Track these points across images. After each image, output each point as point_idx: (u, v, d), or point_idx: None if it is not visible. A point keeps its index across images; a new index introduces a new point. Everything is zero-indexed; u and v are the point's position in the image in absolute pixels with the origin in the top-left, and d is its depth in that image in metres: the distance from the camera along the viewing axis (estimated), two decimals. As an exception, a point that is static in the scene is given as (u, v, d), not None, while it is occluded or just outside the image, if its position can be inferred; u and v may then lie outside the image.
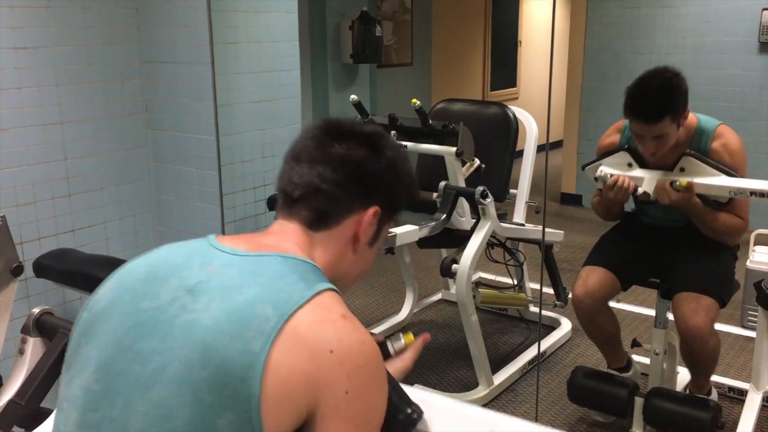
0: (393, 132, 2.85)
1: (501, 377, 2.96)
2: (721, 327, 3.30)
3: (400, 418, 0.92)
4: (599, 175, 2.36)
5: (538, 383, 2.82)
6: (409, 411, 0.93)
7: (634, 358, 2.74)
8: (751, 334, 3.24)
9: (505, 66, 7.69)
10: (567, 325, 3.47)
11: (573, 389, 2.56)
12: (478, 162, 2.83)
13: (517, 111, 3.26)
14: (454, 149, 2.72)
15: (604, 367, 2.70)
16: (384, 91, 5.63)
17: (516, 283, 3.40)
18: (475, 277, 3.79)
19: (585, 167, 2.50)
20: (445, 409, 0.93)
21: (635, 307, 3.69)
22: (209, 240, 1.01)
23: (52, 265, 2.51)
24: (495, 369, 2.97)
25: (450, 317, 3.68)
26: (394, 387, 0.94)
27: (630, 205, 2.63)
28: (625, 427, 2.54)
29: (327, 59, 4.99)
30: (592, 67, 5.63)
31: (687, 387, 2.62)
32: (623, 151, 2.38)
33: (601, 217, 2.59)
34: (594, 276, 2.45)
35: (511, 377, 3.01)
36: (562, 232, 3.37)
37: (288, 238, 1.02)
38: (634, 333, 3.26)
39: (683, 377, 2.70)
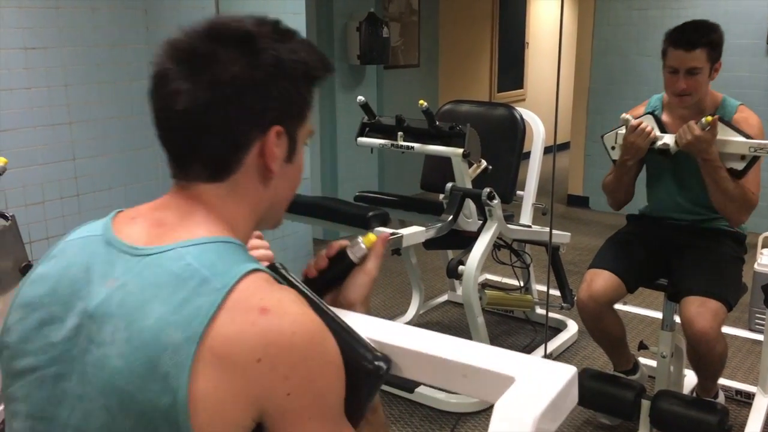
0: (400, 133, 2.86)
1: (507, 379, 2.95)
2: (728, 330, 3.29)
3: (368, 370, 0.84)
4: (623, 117, 2.38)
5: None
6: (376, 363, 0.84)
7: (641, 360, 2.73)
8: (759, 337, 3.24)
9: (512, 67, 7.68)
10: (573, 327, 3.46)
11: (579, 391, 2.54)
12: (485, 163, 2.83)
13: (524, 112, 3.26)
14: (461, 150, 2.72)
15: (610, 369, 2.70)
16: (391, 92, 5.64)
17: (522, 284, 3.39)
18: (481, 279, 3.79)
19: (603, 136, 2.53)
20: (415, 354, 0.87)
21: (642, 310, 3.68)
22: (106, 232, 0.88)
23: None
24: (501, 371, 2.96)
25: (456, 318, 3.68)
26: (355, 339, 0.85)
27: (638, 205, 2.63)
28: (631, 430, 2.54)
29: (334, 60, 5.00)
30: (600, 68, 5.62)
31: (694, 390, 2.61)
32: (648, 114, 2.41)
33: (608, 198, 2.56)
34: (599, 279, 2.44)
35: (517, 379, 3.00)
36: (569, 234, 3.36)
37: (192, 206, 0.87)
38: (641, 335, 3.25)
39: (690, 380, 2.69)
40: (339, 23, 4.96)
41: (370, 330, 0.89)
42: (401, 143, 2.86)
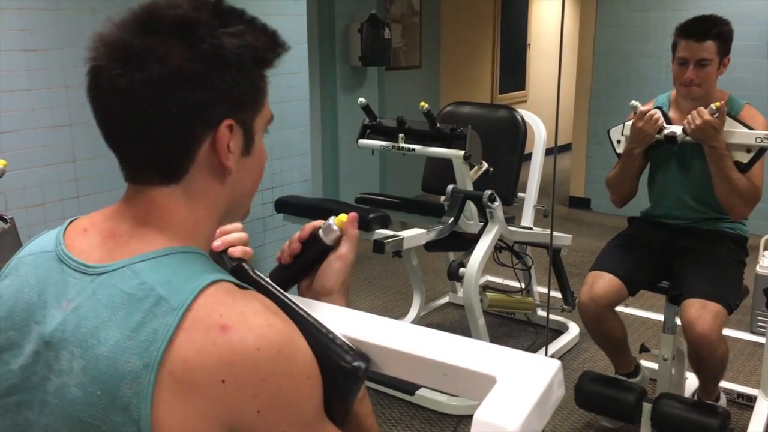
0: (401, 135, 2.86)
1: (508, 381, 2.94)
2: (730, 332, 3.28)
3: (346, 371, 0.81)
4: (633, 104, 2.40)
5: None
6: (355, 364, 0.81)
7: (643, 363, 2.73)
8: (761, 340, 3.23)
9: (514, 69, 7.68)
10: (575, 329, 3.46)
11: (580, 394, 2.54)
12: (486, 165, 2.83)
13: (525, 114, 3.25)
14: (462, 152, 2.72)
15: (611, 372, 2.69)
16: (392, 93, 5.63)
17: (524, 286, 3.38)
18: (482, 281, 3.78)
19: (609, 130, 2.55)
20: (394, 352, 0.84)
21: (643, 312, 3.67)
22: (58, 248, 0.84)
23: (60, 267, 2.51)
24: (502, 373, 2.96)
25: (457, 320, 3.67)
26: (331, 339, 0.82)
27: (639, 207, 2.63)
28: (632, 433, 2.53)
29: (336, 62, 5.00)
30: (602, 70, 5.61)
31: (695, 393, 2.61)
32: (656, 108, 2.41)
33: (612, 194, 2.56)
34: (600, 282, 2.44)
35: (518, 381, 2.99)
36: (570, 236, 3.36)
37: (147, 213, 0.81)
38: (642, 338, 3.25)
39: (692, 383, 2.68)
40: (340, 25, 4.96)
41: (348, 325, 0.86)
42: (402, 145, 2.86)
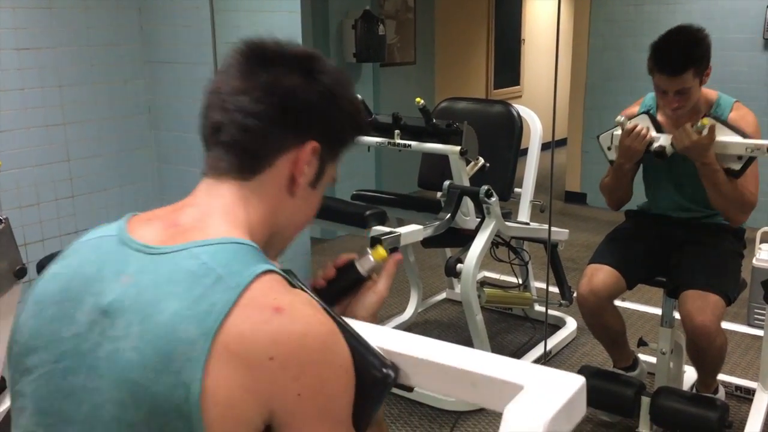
0: (397, 131, 2.85)
1: (506, 377, 2.94)
2: (727, 325, 3.28)
3: (376, 378, 0.84)
4: (618, 120, 2.34)
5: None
6: (385, 371, 0.84)
7: (641, 357, 2.73)
8: (757, 333, 3.23)
9: (508, 64, 7.68)
10: (572, 324, 3.46)
11: (579, 389, 2.54)
12: (482, 161, 2.82)
13: (521, 109, 3.24)
14: (458, 148, 2.71)
15: (610, 366, 2.69)
16: (387, 89, 5.62)
17: (521, 282, 3.38)
18: (479, 277, 3.78)
19: (599, 136, 2.50)
20: (423, 362, 0.87)
21: (641, 306, 3.67)
22: (121, 233, 0.88)
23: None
24: (500, 369, 2.96)
25: (455, 317, 3.67)
26: (364, 346, 0.85)
27: (636, 201, 2.62)
28: (631, 427, 2.53)
29: (330, 58, 4.98)
30: (596, 64, 5.61)
31: (694, 386, 2.61)
32: (644, 114, 2.37)
33: (607, 199, 2.55)
34: (599, 274, 2.44)
35: (516, 377, 2.99)
36: (567, 231, 3.35)
37: (212, 207, 0.88)
38: (640, 332, 3.25)
39: (690, 376, 2.68)
40: (335, 21, 4.94)
41: (378, 338, 0.89)
42: (398, 141, 2.85)
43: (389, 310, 3.74)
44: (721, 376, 2.61)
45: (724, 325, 2.32)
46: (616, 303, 2.52)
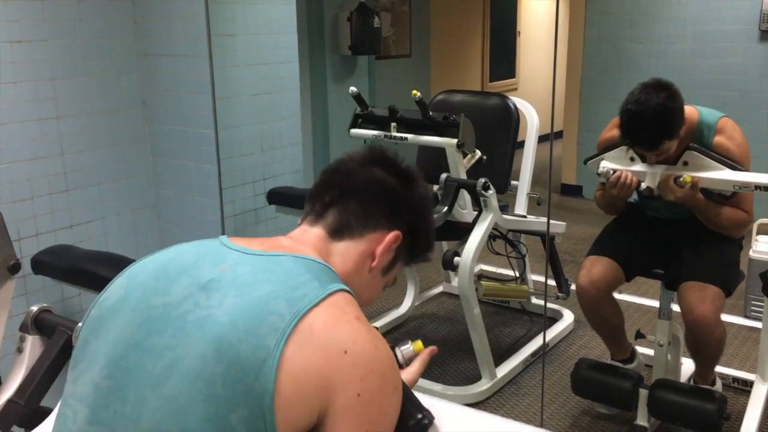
0: (393, 124, 2.83)
1: (504, 370, 2.94)
2: (724, 317, 3.26)
3: (411, 423, 0.91)
4: (601, 171, 2.33)
5: (543, 375, 2.81)
6: (420, 416, 0.91)
7: (638, 349, 2.72)
8: (755, 324, 3.24)
9: (504, 57, 7.66)
10: (569, 316, 3.46)
11: (576, 381, 2.54)
12: (479, 153, 2.81)
13: (517, 102, 3.23)
14: (455, 141, 2.70)
15: (607, 358, 2.69)
16: (383, 82, 5.59)
17: (518, 275, 3.38)
18: (476, 270, 3.77)
19: (587, 161, 2.48)
20: (455, 415, 0.91)
21: (639, 298, 3.67)
22: (221, 240, 1.01)
23: (50, 262, 2.48)
24: (498, 362, 2.96)
25: (452, 310, 3.66)
26: (405, 392, 0.93)
27: (634, 196, 2.61)
28: (629, 419, 2.53)
29: (325, 51, 4.95)
30: (592, 57, 5.60)
31: (691, 378, 2.61)
32: (625, 145, 2.35)
33: (604, 211, 2.58)
34: (598, 266, 2.43)
35: (513, 370, 2.99)
36: (564, 224, 3.35)
37: (305, 243, 1.02)
38: (637, 324, 3.25)
39: (688, 368, 2.69)
40: (329, 13, 4.91)
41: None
42: (395, 134, 2.83)
43: (386, 303, 3.73)
44: (718, 368, 2.61)
45: (721, 317, 2.32)
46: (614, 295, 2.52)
